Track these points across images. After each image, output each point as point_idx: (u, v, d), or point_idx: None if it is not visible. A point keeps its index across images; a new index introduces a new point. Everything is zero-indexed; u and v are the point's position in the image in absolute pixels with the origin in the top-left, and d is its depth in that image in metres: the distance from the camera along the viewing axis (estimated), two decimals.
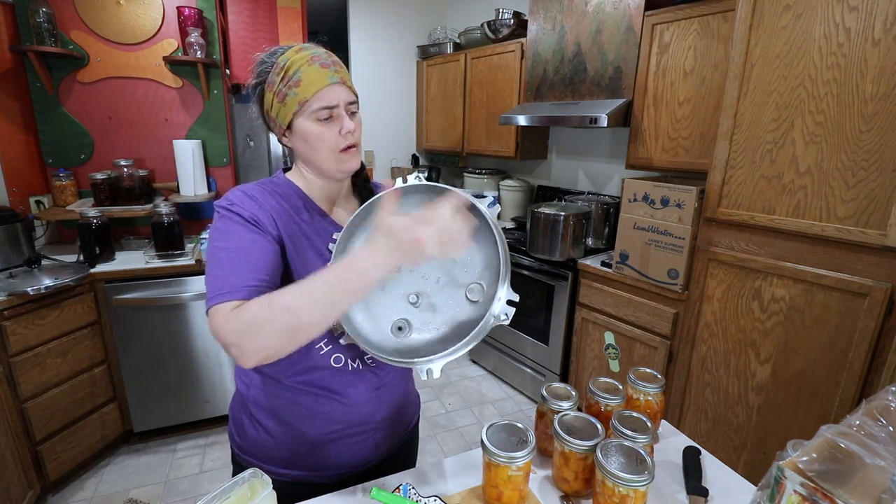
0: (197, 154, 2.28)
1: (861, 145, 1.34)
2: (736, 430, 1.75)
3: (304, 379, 0.83)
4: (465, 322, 0.77)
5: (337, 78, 0.76)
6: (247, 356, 0.64)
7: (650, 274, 1.96)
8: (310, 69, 0.75)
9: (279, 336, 0.63)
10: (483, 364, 3.02)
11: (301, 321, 0.62)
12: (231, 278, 0.69)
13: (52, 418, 1.79)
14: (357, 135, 0.81)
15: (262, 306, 0.64)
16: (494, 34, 2.90)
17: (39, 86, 2.09)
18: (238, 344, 0.64)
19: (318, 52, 0.78)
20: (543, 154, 3.11)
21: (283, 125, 0.79)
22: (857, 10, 1.30)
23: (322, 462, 0.87)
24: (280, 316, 0.62)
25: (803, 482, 0.55)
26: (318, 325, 0.64)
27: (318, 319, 0.63)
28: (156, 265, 2.01)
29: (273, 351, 0.64)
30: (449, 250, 0.62)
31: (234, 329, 0.64)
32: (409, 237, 0.60)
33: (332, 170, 0.81)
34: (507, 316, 0.72)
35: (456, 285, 0.79)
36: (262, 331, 0.63)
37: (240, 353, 0.64)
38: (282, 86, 0.76)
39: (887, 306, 1.35)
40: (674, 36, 1.98)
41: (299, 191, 0.84)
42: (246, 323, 0.64)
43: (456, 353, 0.72)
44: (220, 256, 0.72)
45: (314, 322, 0.63)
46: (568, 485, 0.79)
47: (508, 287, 0.73)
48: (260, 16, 2.56)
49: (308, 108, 0.76)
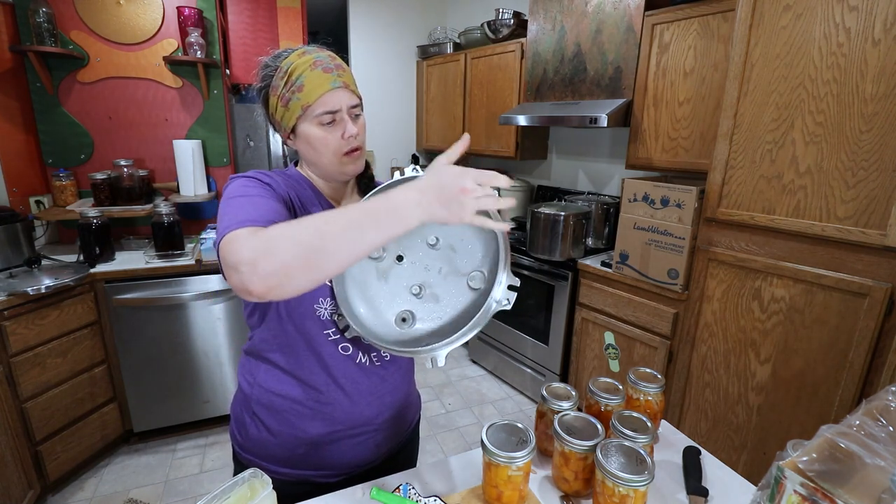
0: (197, 154, 2.28)
1: (861, 145, 1.34)
2: (736, 430, 1.75)
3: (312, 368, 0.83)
4: (467, 310, 0.77)
5: (339, 82, 0.77)
6: (256, 276, 0.57)
7: (650, 274, 1.96)
8: (312, 74, 0.76)
9: (297, 256, 0.58)
10: (483, 364, 3.02)
11: (325, 244, 0.58)
12: (253, 212, 0.66)
13: (52, 418, 1.79)
14: (361, 138, 0.81)
15: (288, 224, 0.60)
16: (494, 34, 2.90)
17: (39, 86, 2.09)
18: (252, 261, 0.58)
19: (321, 56, 0.78)
20: (543, 154, 3.11)
21: (288, 129, 0.80)
22: (857, 10, 1.30)
23: (323, 462, 0.88)
24: (305, 232, 0.58)
25: (803, 482, 0.55)
26: (339, 255, 0.59)
27: (340, 247, 0.59)
28: (156, 265, 2.01)
29: (285, 274, 0.58)
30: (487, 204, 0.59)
31: (253, 245, 0.59)
32: (455, 185, 0.58)
33: (335, 172, 0.82)
34: (509, 301, 0.72)
35: (458, 274, 0.79)
36: (284, 246, 0.58)
37: (250, 272, 0.58)
38: (285, 90, 0.77)
39: (887, 306, 1.35)
40: (674, 36, 1.98)
41: (312, 185, 0.86)
42: (267, 237, 0.59)
43: (460, 339, 0.71)
44: (239, 202, 0.69)
45: (336, 249, 0.59)
46: (568, 485, 0.79)
47: (509, 272, 0.73)
48: (260, 16, 2.56)
49: (311, 112, 0.76)
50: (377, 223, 0.59)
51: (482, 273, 0.77)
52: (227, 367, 2.22)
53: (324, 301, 0.80)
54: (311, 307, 0.80)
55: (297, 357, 0.83)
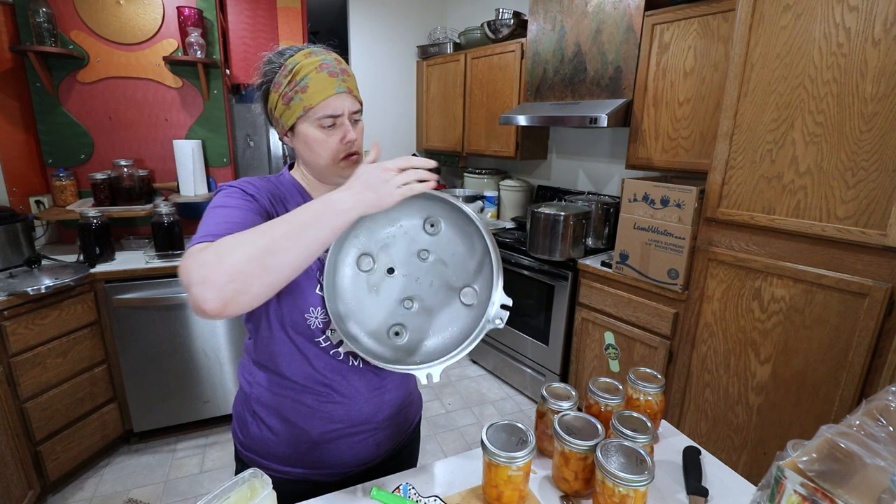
0: (197, 154, 2.28)
1: (861, 145, 1.34)
2: (736, 430, 1.75)
3: (307, 374, 0.83)
4: (460, 325, 0.77)
5: (344, 87, 0.77)
6: (211, 291, 0.57)
7: (650, 274, 1.96)
8: (318, 76, 0.76)
9: (250, 260, 0.58)
10: (483, 364, 3.02)
11: (273, 245, 0.60)
12: (222, 225, 0.69)
13: (52, 418, 1.79)
14: (359, 143, 0.81)
15: (236, 235, 0.62)
16: (494, 34, 2.90)
17: (39, 86, 2.09)
18: (204, 278, 0.57)
19: (327, 59, 0.78)
20: (543, 154, 3.11)
21: (286, 127, 0.80)
22: (857, 10, 1.30)
23: (324, 460, 0.88)
24: (253, 236, 0.60)
25: (803, 482, 0.55)
26: (288, 254, 0.60)
27: (288, 246, 0.60)
28: (156, 265, 2.01)
29: (241, 280, 0.58)
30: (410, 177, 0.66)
31: (203, 259, 0.58)
32: (377, 170, 0.66)
33: (331, 176, 0.82)
34: (502, 320, 0.74)
35: (449, 288, 0.79)
36: (234, 254, 0.58)
37: (203, 288, 0.57)
38: (288, 89, 0.77)
39: (887, 306, 1.35)
40: (674, 36, 1.98)
41: (302, 189, 0.86)
42: (215, 250, 0.59)
43: (453, 358, 0.73)
44: (215, 212, 0.73)
45: (285, 248, 0.60)
46: (568, 485, 0.79)
47: (501, 291, 0.74)
48: (260, 16, 2.56)
49: (313, 114, 0.76)
50: (317, 219, 0.63)
51: (474, 289, 0.78)
52: (227, 367, 2.22)
53: (314, 311, 0.79)
54: (303, 317, 0.79)
55: (292, 362, 0.83)
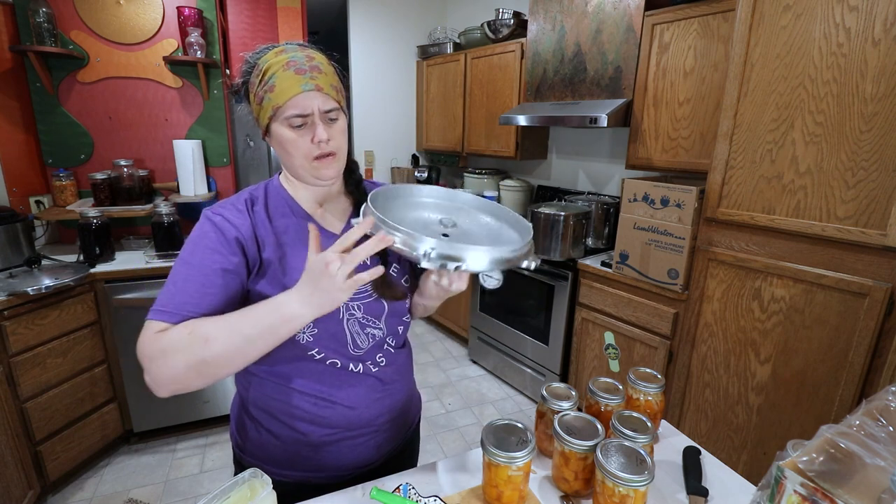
0: (197, 154, 2.28)
1: (861, 145, 1.34)
2: (736, 430, 1.75)
3: (304, 384, 0.82)
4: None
5: (311, 85, 0.73)
6: (158, 384, 0.65)
7: (650, 274, 1.96)
8: (284, 75, 0.73)
9: (189, 367, 0.64)
10: (483, 364, 3.02)
11: (214, 353, 0.64)
12: (177, 297, 0.70)
13: (52, 418, 1.79)
14: (334, 143, 0.77)
15: (182, 333, 0.65)
16: (494, 34, 2.90)
17: (39, 86, 2.09)
18: (149, 370, 0.65)
19: (296, 56, 0.75)
20: (543, 154, 3.11)
21: (262, 127, 0.79)
22: (857, 10, 1.30)
23: (323, 464, 0.87)
24: (195, 345, 0.64)
25: (803, 482, 0.55)
26: (228, 362, 0.65)
27: (230, 354, 0.64)
28: (156, 265, 2.01)
29: (182, 384, 0.65)
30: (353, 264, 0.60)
31: (150, 353, 0.65)
32: (319, 266, 0.61)
33: (306, 176, 0.79)
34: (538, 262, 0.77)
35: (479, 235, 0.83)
36: (175, 359, 0.64)
37: (151, 379, 0.65)
38: (259, 89, 0.75)
39: (887, 306, 1.35)
40: (674, 36, 1.98)
41: (288, 197, 0.84)
42: (160, 348, 0.65)
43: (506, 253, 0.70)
44: (180, 270, 0.73)
45: (226, 357, 0.64)
46: (568, 485, 0.79)
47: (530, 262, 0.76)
48: (260, 16, 2.56)
49: (281, 114, 0.74)
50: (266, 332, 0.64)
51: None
52: None
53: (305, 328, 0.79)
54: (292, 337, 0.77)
55: (287, 374, 0.82)
